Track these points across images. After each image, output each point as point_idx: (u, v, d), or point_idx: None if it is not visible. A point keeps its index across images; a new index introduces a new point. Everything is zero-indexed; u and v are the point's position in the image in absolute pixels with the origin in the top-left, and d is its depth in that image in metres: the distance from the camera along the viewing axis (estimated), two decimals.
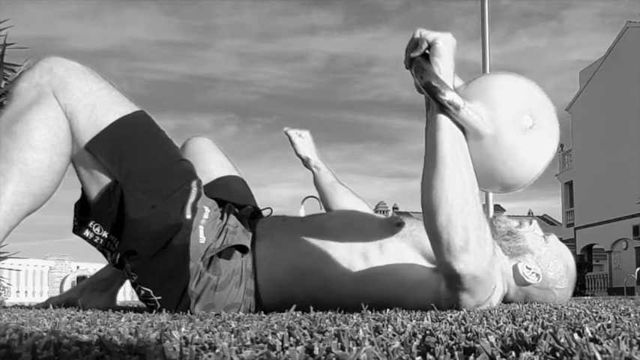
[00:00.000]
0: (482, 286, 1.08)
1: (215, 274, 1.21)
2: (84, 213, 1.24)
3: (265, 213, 1.51)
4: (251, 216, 1.39)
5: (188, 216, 1.21)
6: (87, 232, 1.23)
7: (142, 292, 1.23)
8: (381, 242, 1.28)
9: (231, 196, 1.46)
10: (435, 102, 1.04)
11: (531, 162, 1.10)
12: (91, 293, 1.58)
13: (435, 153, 1.03)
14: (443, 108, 1.03)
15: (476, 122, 1.04)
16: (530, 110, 1.08)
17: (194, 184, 1.26)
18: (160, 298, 1.22)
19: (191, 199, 1.23)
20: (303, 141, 1.78)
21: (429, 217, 1.03)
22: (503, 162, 1.07)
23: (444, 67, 1.05)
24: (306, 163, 1.78)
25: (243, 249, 1.25)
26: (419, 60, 1.06)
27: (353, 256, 1.26)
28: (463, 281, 1.05)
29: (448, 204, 1.00)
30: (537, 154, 1.09)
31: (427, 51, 1.07)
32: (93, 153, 1.19)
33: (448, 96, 1.02)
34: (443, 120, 1.03)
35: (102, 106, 1.20)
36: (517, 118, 1.07)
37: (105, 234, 1.21)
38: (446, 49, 1.05)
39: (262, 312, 1.23)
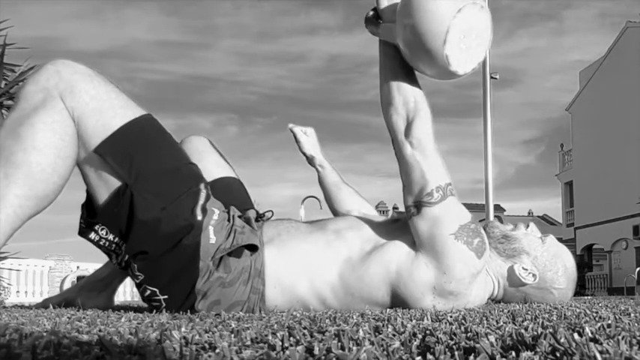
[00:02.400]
0: (433, 168, 1.27)
1: (225, 272, 1.22)
2: (91, 215, 1.24)
3: (267, 216, 1.51)
4: (256, 218, 1.40)
5: (199, 217, 1.22)
6: (93, 235, 1.23)
7: (148, 292, 1.23)
8: (389, 241, 1.29)
9: (231, 198, 1.46)
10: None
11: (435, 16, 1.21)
12: (89, 293, 1.58)
13: (380, 68, 1.38)
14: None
15: (385, 34, 1.37)
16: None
17: (202, 186, 1.27)
18: (166, 297, 1.22)
19: (201, 201, 1.24)
20: (308, 139, 1.77)
21: (382, 104, 1.35)
22: (412, 25, 1.23)
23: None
24: (310, 161, 1.76)
25: (252, 248, 1.26)
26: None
27: (359, 258, 1.27)
28: (415, 146, 1.28)
29: (385, 90, 1.35)
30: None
31: None
32: (102, 156, 1.18)
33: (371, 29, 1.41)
34: (379, 44, 1.40)
35: (110, 109, 1.20)
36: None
37: (111, 237, 1.21)
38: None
39: (263, 312, 1.23)
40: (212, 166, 1.59)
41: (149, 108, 1.29)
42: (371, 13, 1.41)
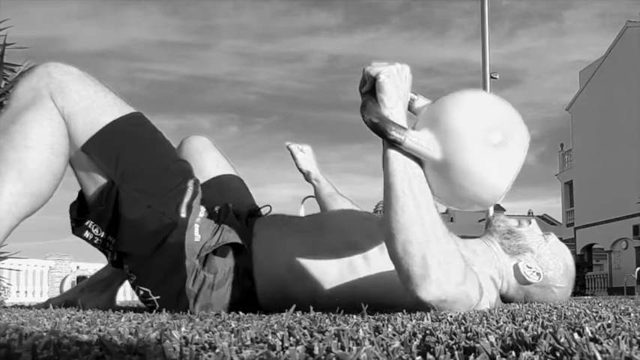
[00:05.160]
0: (459, 304, 1.03)
1: (211, 273, 1.22)
2: (82, 213, 1.24)
3: (264, 211, 1.51)
4: (249, 214, 1.39)
5: (183, 215, 1.21)
6: (86, 233, 1.23)
7: (141, 292, 1.23)
8: (379, 240, 1.28)
9: (228, 195, 1.46)
10: (381, 138, 1.03)
11: (492, 181, 1.05)
12: (91, 293, 1.58)
13: (388, 186, 1.03)
14: (390, 142, 1.02)
15: (423, 150, 1.02)
16: (496, 127, 1.05)
17: (190, 183, 1.26)
18: (158, 297, 1.23)
19: (186, 198, 1.23)
20: (305, 155, 1.83)
21: (388, 247, 1.03)
22: (462, 185, 1.04)
23: (388, 101, 1.02)
24: (307, 176, 1.84)
25: (239, 247, 1.25)
26: (365, 97, 1.05)
27: (351, 254, 1.26)
28: (433, 305, 1.00)
29: (402, 234, 0.99)
30: (497, 173, 1.05)
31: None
32: (89, 154, 1.19)
33: (390, 131, 1.00)
34: (392, 154, 1.03)
35: (98, 108, 1.21)
36: (480, 136, 1.03)
37: (103, 234, 1.22)
38: (389, 83, 1.02)
39: (262, 312, 1.23)
40: (212, 164, 1.60)
41: (149, 108, 1.30)
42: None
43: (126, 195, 1.18)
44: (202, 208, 1.26)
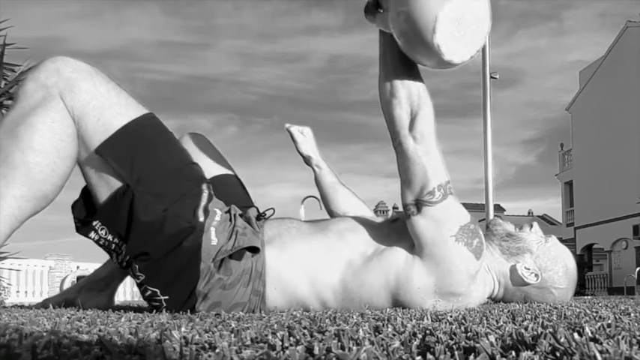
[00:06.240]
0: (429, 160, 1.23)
1: (226, 275, 1.22)
2: (89, 214, 1.23)
3: (268, 214, 1.50)
4: (257, 217, 1.39)
5: (201, 219, 1.21)
6: (92, 234, 1.22)
7: (149, 292, 1.22)
8: (388, 246, 1.29)
9: (230, 196, 1.46)
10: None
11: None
12: (89, 292, 1.58)
13: (380, 59, 1.31)
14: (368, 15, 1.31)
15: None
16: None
17: (204, 186, 1.25)
18: (166, 297, 1.22)
19: (203, 202, 1.23)
20: (305, 138, 1.74)
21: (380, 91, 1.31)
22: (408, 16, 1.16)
23: None
24: (307, 161, 1.73)
25: (253, 249, 1.25)
26: None
27: (360, 262, 1.27)
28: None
29: (383, 84, 1.29)
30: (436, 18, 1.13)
31: None
32: (103, 157, 1.17)
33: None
34: (380, 36, 1.32)
35: (111, 108, 1.19)
36: None
37: (110, 237, 1.21)
38: None
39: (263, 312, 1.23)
40: (209, 163, 1.58)
41: (150, 108, 1.28)
42: (371, 0, 1.32)
43: (141, 198, 1.16)
44: (218, 212, 1.25)
